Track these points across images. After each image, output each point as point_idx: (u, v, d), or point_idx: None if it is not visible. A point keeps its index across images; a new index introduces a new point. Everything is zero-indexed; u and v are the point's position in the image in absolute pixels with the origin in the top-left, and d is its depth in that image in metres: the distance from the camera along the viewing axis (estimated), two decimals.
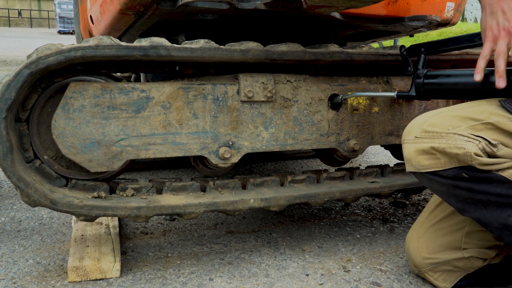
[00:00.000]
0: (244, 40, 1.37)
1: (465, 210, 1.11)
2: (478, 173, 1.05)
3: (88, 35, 2.35)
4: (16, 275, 1.33)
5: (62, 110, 1.23)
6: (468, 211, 1.10)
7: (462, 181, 1.07)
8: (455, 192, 1.10)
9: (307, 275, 1.37)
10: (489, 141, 1.03)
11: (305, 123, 1.48)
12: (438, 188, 1.14)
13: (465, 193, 1.08)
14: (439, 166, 1.08)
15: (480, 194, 1.06)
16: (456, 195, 1.11)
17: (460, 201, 1.11)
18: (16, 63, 7.83)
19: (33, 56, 1.16)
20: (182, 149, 1.35)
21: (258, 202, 1.40)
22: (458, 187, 1.08)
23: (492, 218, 1.06)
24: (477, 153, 1.02)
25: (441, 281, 1.28)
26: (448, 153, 1.06)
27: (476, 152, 1.02)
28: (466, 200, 1.10)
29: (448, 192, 1.12)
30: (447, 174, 1.08)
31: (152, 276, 1.34)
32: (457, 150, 1.04)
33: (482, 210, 1.08)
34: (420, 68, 1.34)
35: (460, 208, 1.12)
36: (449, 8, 1.82)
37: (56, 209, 1.23)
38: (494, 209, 1.06)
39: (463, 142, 1.04)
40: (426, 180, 1.14)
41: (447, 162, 1.07)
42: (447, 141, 1.06)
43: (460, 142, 1.04)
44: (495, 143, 1.03)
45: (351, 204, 2.03)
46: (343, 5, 1.24)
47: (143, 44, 1.24)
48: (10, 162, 1.16)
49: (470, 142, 1.03)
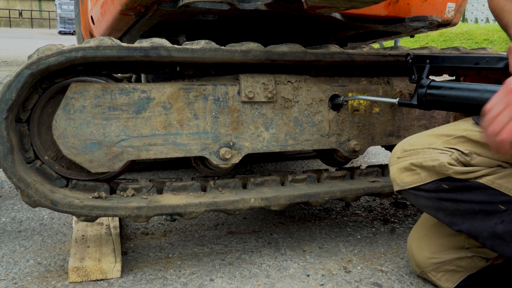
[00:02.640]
0: (244, 41, 1.37)
1: (454, 223, 1.13)
2: (457, 183, 1.09)
3: (89, 36, 2.35)
4: (17, 275, 1.33)
5: (63, 111, 1.23)
6: (457, 223, 1.12)
7: (444, 193, 1.11)
8: (440, 205, 1.14)
9: (307, 275, 1.37)
10: (462, 151, 1.09)
11: (306, 124, 1.48)
12: (425, 204, 1.18)
13: (449, 205, 1.12)
14: (420, 181, 1.14)
15: (464, 204, 1.09)
16: (443, 209, 1.14)
17: (448, 215, 1.14)
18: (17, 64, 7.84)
19: (34, 56, 1.16)
20: (183, 149, 1.35)
21: (259, 202, 1.40)
22: (442, 199, 1.12)
23: (480, 228, 1.08)
24: (451, 163, 1.08)
25: (444, 281, 1.28)
26: (426, 167, 1.12)
27: (450, 161, 1.08)
28: (453, 212, 1.12)
29: (434, 206, 1.16)
30: (429, 187, 1.13)
31: (152, 276, 1.34)
32: (433, 162, 1.10)
33: (470, 221, 1.09)
34: (424, 78, 1.34)
35: (449, 222, 1.14)
36: (449, 8, 1.82)
37: (57, 210, 1.23)
38: (481, 218, 1.07)
39: (437, 154, 1.11)
40: (412, 197, 1.20)
41: (427, 176, 1.13)
42: (423, 155, 1.13)
43: (435, 155, 1.11)
44: (467, 152, 1.09)
45: (352, 204, 2.03)
46: (344, 5, 1.24)
47: (144, 45, 1.24)
48: (10, 162, 1.16)
49: (444, 153, 1.10)
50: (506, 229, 1.03)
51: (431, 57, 1.36)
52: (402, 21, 1.72)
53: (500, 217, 1.04)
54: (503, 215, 1.03)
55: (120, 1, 1.46)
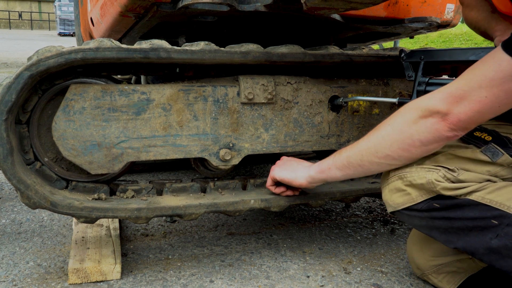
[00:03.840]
0: (244, 42, 1.37)
1: (450, 241, 1.12)
2: (447, 201, 1.09)
3: (89, 37, 2.35)
4: (16, 277, 1.33)
5: (63, 112, 1.23)
6: (452, 241, 1.12)
7: (436, 211, 1.11)
8: (434, 224, 1.13)
9: (307, 276, 1.37)
10: (448, 168, 1.09)
11: (306, 125, 1.48)
12: (419, 223, 1.18)
13: (443, 223, 1.12)
14: (412, 201, 1.14)
15: (457, 221, 1.09)
16: (437, 227, 1.14)
17: (442, 233, 1.13)
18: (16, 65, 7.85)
19: (34, 58, 1.16)
20: (183, 151, 1.35)
21: (259, 203, 1.40)
22: (435, 218, 1.12)
23: (476, 244, 1.07)
24: (438, 179, 1.08)
25: (445, 283, 1.28)
26: (415, 185, 1.12)
27: (437, 178, 1.08)
28: (447, 230, 1.12)
29: (428, 226, 1.16)
30: (421, 207, 1.13)
31: (152, 278, 1.34)
32: (421, 180, 1.11)
33: (465, 238, 1.09)
34: (420, 75, 1.34)
35: (445, 240, 1.14)
36: (449, 9, 1.82)
37: (57, 211, 1.23)
38: (476, 234, 1.06)
39: (425, 172, 1.11)
40: (406, 217, 1.19)
41: (417, 196, 1.13)
42: (411, 175, 1.13)
43: (422, 173, 1.11)
44: (452, 168, 1.09)
45: (352, 205, 2.03)
46: (343, 7, 1.24)
47: (144, 46, 1.24)
48: (10, 164, 1.16)
49: (431, 171, 1.10)
50: (501, 244, 1.02)
51: (425, 53, 1.36)
52: (402, 22, 1.73)
53: (494, 232, 1.03)
54: (496, 229, 1.03)
55: (120, 3, 1.46)
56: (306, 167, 1.33)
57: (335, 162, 1.24)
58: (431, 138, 1.07)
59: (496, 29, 1.20)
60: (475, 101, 0.99)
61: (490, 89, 0.97)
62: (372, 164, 1.16)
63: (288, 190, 1.41)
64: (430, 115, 1.05)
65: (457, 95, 1.01)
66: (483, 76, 0.99)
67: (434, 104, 1.04)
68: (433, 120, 1.05)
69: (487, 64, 0.99)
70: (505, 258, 1.03)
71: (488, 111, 1.00)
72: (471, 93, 1.00)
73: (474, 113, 1.01)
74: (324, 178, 1.28)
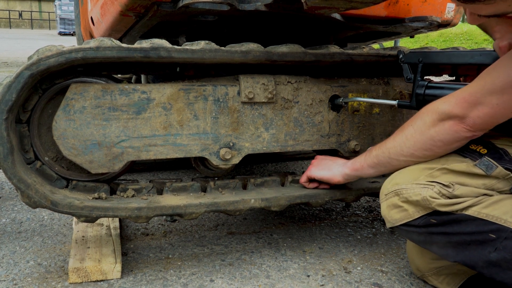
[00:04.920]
0: (244, 42, 1.37)
1: (449, 255, 1.13)
2: (444, 217, 1.10)
3: (89, 37, 2.35)
4: (17, 276, 1.33)
5: (63, 112, 1.23)
6: (451, 255, 1.12)
7: (434, 227, 1.12)
8: (432, 239, 1.14)
9: (308, 276, 1.37)
10: (443, 184, 1.10)
11: (306, 124, 1.48)
12: (417, 238, 1.19)
13: (441, 238, 1.12)
14: (409, 217, 1.15)
15: (455, 236, 1.10)
16: (435, 242, 1.15)
17: (441, 248, 1.14)
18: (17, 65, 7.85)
19: (34, 57, 1.16)
20: (183, 150, 1.35)
21: (259, 202, 1.40)
22: (433, 233, 1.13)
23: (476, 258, 1.08)
24: (433, 196, 1.10)
25: (445, 285, 1.28)
26: (411, 202, 1.14)
27: (432, 195, 1.10)
28: (445, 245, 1.13)
29: (426, 241, 1.17)
30: (418, 223, 1.14)
31: (153, 277, 1.34)
32: (416, 197, 1.12)
33: (464, 252, 1.09)
34: (419, 78, 1.34)
35: (444, 254, 1.15)
36: (449, 9, 1.82)
37: (57, 210, 1.23)
38: (475, 248, 1.07)
39: (420, 189, 1.12)
40: (404, 233, 1.21)
41: (414, 212, 1.14)
42: (407, 191, 1.14)
43: (418, 190, 1.12)
44: (447, 183, 1.10)
45: (352, 205, 2.03)
46: (344, 6, 1.24)
47: (144, 46, 1.24)
48: (10, 163, 1.16)
49: (426, 188, 1.12)
50: (500, 257, 1.03)
51: (423, 55, 1.36)
52: (402, 21, 1.73)
53: (492, 245, 1.04)
54: (495, 243, 1.03)
55: (120, 2, 1.46)
56: (341, 166, 1.40)
57: (366, 160, 1.30)
58: (451, 139, 1.12)
59: (496, 29, 1.20)
60: (488, 107, 1.04)
61: (501, 96, 1.02)
62: (399, 161, 1.22)
63: (321, 185, 1.48)
64: (448, 118, 1.10)
65: (471, 101, 1.06)
66: (494, 84, 1.03)
67: (450, 108, 1.09)
68: (452, 122, 1.10)
69: (498, 71, 1.03)
70: (505, 270, 1.04)
71: (501, 116, 1.05)
72: (483, 99, 1.04)
73: (488, 118, 1.06)
74: (358, 175, 1.36)
